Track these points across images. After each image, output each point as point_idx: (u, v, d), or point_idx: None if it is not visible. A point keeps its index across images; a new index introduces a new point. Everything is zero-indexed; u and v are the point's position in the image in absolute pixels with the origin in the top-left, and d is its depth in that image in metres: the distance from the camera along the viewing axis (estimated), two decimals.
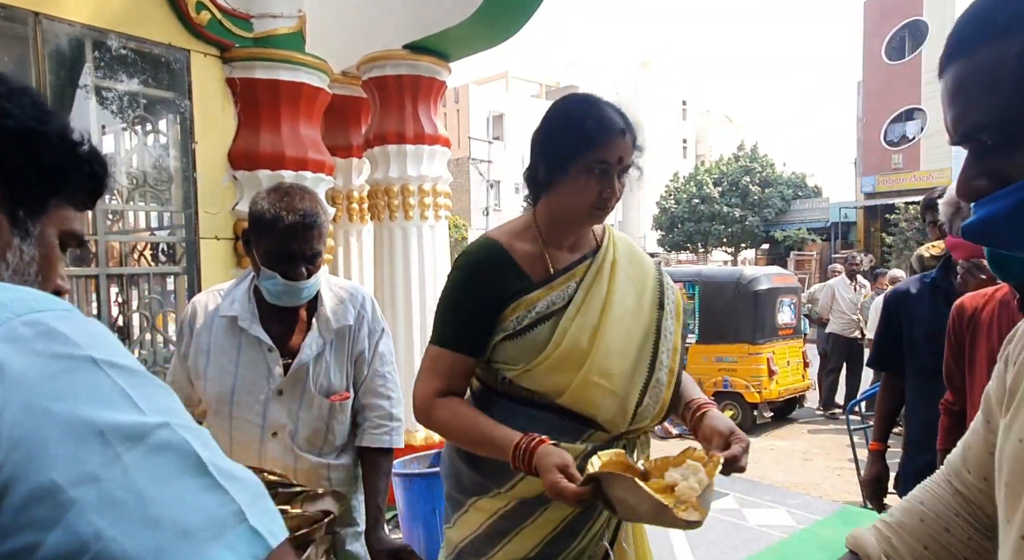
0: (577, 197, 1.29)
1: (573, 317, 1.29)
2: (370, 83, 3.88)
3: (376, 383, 1.64)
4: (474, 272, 1.31)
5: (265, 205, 1.45)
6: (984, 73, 0.59)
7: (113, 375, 0.49)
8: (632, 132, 1.29)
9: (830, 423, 7.13)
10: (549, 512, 1.28)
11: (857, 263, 7.73)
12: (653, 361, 1.35)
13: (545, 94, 40.22)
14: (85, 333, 0.50)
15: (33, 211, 0.65)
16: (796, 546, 3.45)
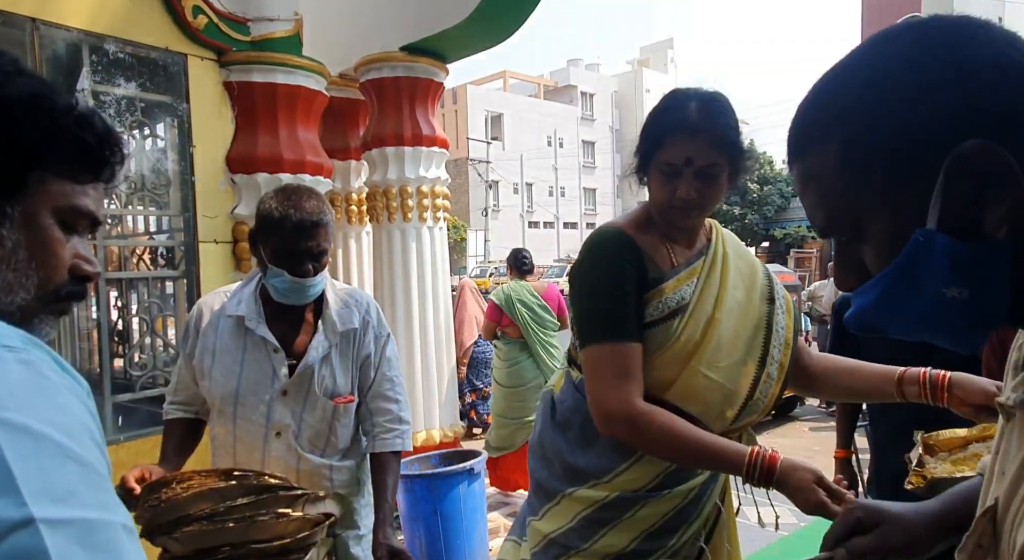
0: (656, 195, 1.31)
1: (691, 312, 1.29)
2: (368, 85, 3.88)
3: (384, 387, 1.66)
4: (614, 259, 1.29)
5: (273, 204, 1.49)
6: (814, 178, 0.61)
7: (5, 442, 0.41)
8: (710, 131, 1.23)
9: (831, 420, 7.13)
10: (649, 506, 1.28)
11: None
12: (764, 355, 1.33)
13: (543, 94, 40.22)
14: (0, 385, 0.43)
15: (7, 191, 0.57)
16: (799, 543, 3.45)
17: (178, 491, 1.21)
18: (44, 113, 0.58)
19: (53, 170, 0.60)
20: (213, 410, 1.59)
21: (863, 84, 0.56)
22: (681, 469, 1.29)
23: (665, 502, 1.27)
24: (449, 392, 3.99)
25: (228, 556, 1.21)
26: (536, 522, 1.38)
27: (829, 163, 0.59)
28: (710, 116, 1.24)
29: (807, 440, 6.31)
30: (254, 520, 1.23)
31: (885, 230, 0.57)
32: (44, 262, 0.60)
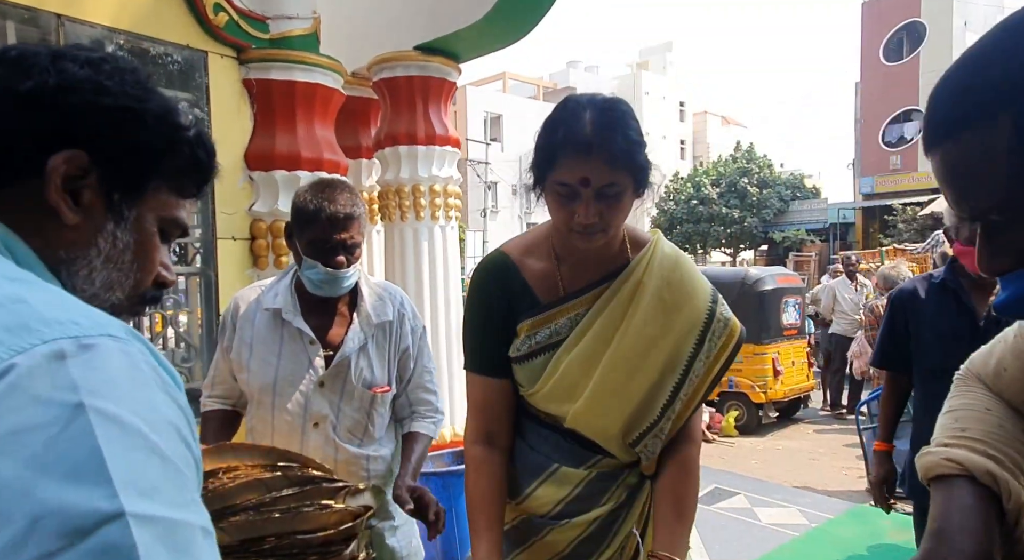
0: (554, 217, 1.16)
1: (572, 348, 1.19)
2: (381, 84, 3.90)
3: (424, 379, 1.71)
4: (481, 288, 1.25)
5: (308, 197, 1.53)
6: (977, 156, 0.58)
7: (98, 430, 0.41)
8: (606, 147, 1.07)
9: (835, 423, 7.15)
10: (555, 533, 1.25)
11: (853, 264, 7.76)
12: (667, 406, 1.20)
13: (543, 95, 40.25)
14: (100, 368, 0.44)
15: (129, 195, 0.61)
16: (810, 545, 3.47)
17: (224, 481, 1.22)
18: (172, 128, 0.63)
19: (167, 181, 0.65)
20: (251, 402, 1.61)
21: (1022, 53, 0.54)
22: (582, 498, 1.24)
23: (568, 530, 1.23)
24: (461, 391, 4.00)
25: (273, 547, 1.22)
26: None
27: (1000, 137, 0.56)
28: (606, 131, 1.08)
29: (811, 442, 6.33)
30: (299, 511, 1.24)
31: None
32: (143, 266, 0.64)
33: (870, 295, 7.14)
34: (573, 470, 1.23)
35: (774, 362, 6.60)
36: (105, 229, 0.61)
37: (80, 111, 0.58)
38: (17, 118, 0.56)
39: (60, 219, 0.57)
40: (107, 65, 0.60)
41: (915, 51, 21.97)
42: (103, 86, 0.59)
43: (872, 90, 22.90)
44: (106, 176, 0.60)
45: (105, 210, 0.60)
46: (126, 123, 0.60)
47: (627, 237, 1.27)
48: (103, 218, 0.60)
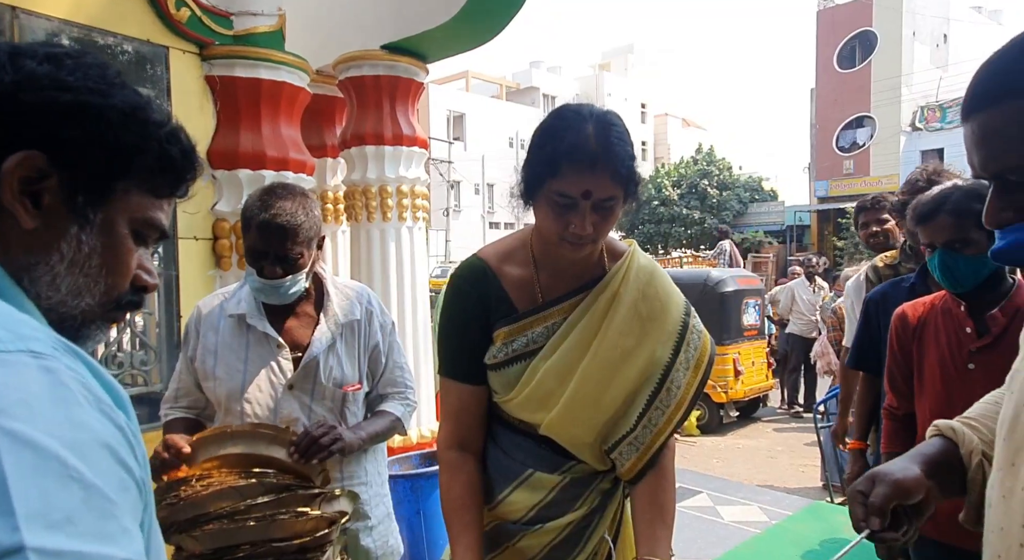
0: (545, 225, 1.16)
1: (548, 357, 1.19)
2: (347, 83, 3.85)
3: (396, 374, 1.71)
4: (458, 295, 1.25)
5: (250, 201, 1.51)
6: (1012, 124, 0.70)
7: (5, 454, 0.38)
8: (609, 163, 1.09)
9: (792, 421, 7.35)
10: (528, 538, 1.25)
11: (814, 265, 7.99)
12: (643, 414, 1.21)
13: (505, 95, 40.29)
14: (12, 389, 0.41)
15: (94, 197, 0.58)
16: (770, 541, 3.55)
17: (197, 489, 1.19)
18: (139, 125, 0.60)
19: (137, 181, 0.61)
20: (220, 409, 1.58)
21: None
22: (555, 504, 1.24)
23: (542, 535, 1.24)
24: (427, 393, 3.98)
25: (247, 555, 1.20)
26: None
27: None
28: (611, 145, 1.10)
29: (770, 441, 6.49)
30: (274, 519, 1.23)
31: None
32: (114, 270, 0.61)
33: (827, 296, 7.36)
34: (547, 475, 1.24)
35: (735, 362, 6.74)
36: (68, 233, 0.57)
37: (39, 109, 0.54)
38: None
39: (16, 222, 0.54)
40: (69, 60, 0.57)
41: (867, 59, 22.69)
42: (63, 82, 0.55)
43: (826, 96, 23.57)
44: (69, 177, 0.56)
45: (68, 213, 0.57)
46: (88, 121, 0.56)
47: (604, 247, 1.28)
48: (66, 221, 0.57)
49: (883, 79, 21.91)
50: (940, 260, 1.66)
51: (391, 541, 1.70)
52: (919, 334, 1.79)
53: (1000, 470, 0.80)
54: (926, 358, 1.76)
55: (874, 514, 0.86)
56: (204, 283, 2.89)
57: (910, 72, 21.80)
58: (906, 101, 21.83)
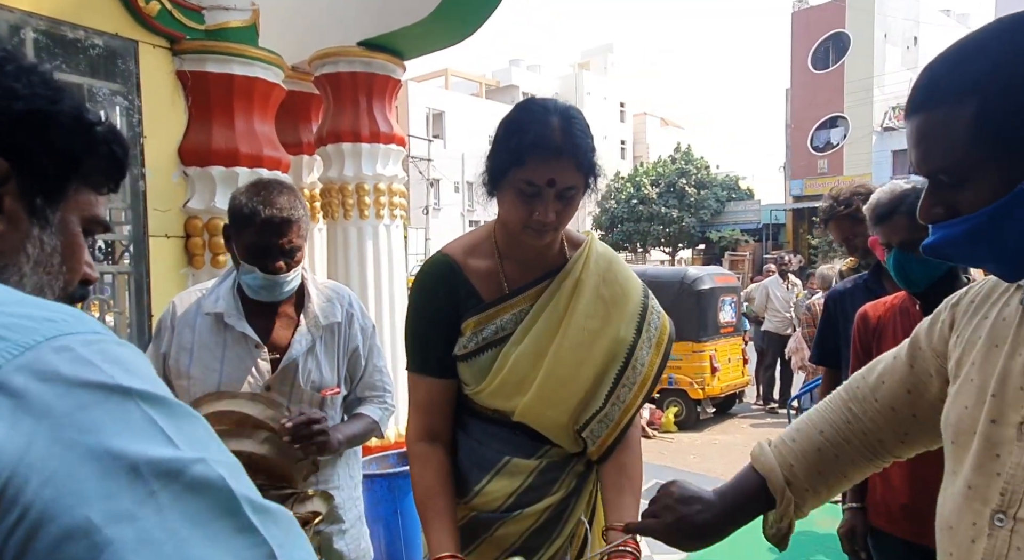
0: (510, 214, 1.21)
1: (519, 342, 1.23)
2: (323, 79, 3.82)
3: (375, 378, 1.69)
4: (425, 291, 1.27)
5: (243, 199, 1.47)
6: (942, 127, 0.73)
7: (144, 406, 0.46)
8: (573, 152, 1.15)
9: (768, 417, 7.44)
10: (506, 526, 1.26)
11: (787, 263, 8.11)
12: (611, 392, 1.26)
13: (485, 93, 40.23)
14: (115, 360, 0.47)
15: (51, 198, 0.61)
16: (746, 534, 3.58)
17: None
18: (86, 127, 0.63)
19: (85, 180, 0.65)
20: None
21: (999, 55, 0.69)
22: (533, 489, 1.26)
23: (520, 521, 1.26)
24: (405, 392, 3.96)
25: None
26: None
27: (962, 118, 0.71)
28: (574, 137, 1.16)
29: (746, 436, 6.55)
30: None
31: (993, 180, 0.71)
32: (71, 267, 0.65)
33: (800, 293, 7.46)
34: (524, 461, 1.26)
35: (711, 359, 6.80)
36: (31, 235, 0.60)
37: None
38: None
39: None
40: (10, 65, 0.58)
41: (840, 60, 23.06)
42: (12, 90, 0.57)
43: (801, 96, 23.90)
44: (26, 181, 0.59)
45: (28, 215, 0.60)
46: (41, 127, 0.59)
47: (564, 237, 1.34)
48: (28, 224, 0.60)
49: (856, 80, 22.27)
50: (896, 260, 1.70)
51: (363, 544, 1.70)
52: (879, 333, 1.83)
53: (952, 472, 0.84)
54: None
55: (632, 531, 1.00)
56: (176, 281, 2.84)
57: (882, 73, 22.19)
58: (878, 102, 22.21)
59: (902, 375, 0.97)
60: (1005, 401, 0.77)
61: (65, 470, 0.41)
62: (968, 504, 0.78)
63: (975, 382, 0.83)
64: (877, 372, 1.02)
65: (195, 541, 0.42)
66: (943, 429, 0.88)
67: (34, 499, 0.40)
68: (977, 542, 0.76)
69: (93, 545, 0.40)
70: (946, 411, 0.88)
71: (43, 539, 0.39)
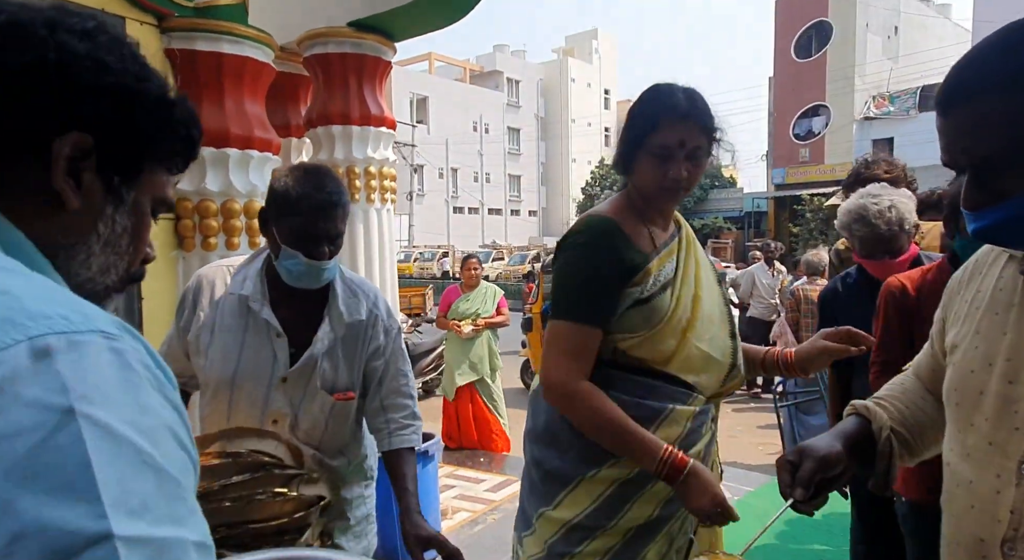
0: (647, 178, 1.39)
1: (680, 287, 1.41)
2: (312, 60, 3.76)
3: (400, 382, 1.60)
4: (602, 245, 1.38)
5: (290, 182, 1.42)
6: (985, 119, 0.76)
7: (89, 440, 0.39)
8: (698, 117, 1.37)
9: (752, 402, 7.54)
10: None
11: (773, 250, 8.20)
12: (732, 328, 1.50)
13: (469, 78, 39.94)
14: (88, 372, 0.42)
15: (128, 177, 0.60)
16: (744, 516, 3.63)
17: None
18: (168, 107, 0.61)
19: (160, 161, 0.63)
20: (207, 390, 1.50)
21: None
22: (690, 433, 1.38)
23: None
24: None
25: (223, 536, 1.18)
26: (551, 512, 1.40)
27: (1010, 108, 0.75)
28: (696, 104, 1.38)
29: (730, 420, 6.64)
30: (251, 500, 1.20)
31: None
32: (137, 248, 0.63)
33: (786, 280, 7.55)
34: (684, 407, 1.38)
35: None
36: (105, 213, 0.59)
37: (82, 91, 0.54)
38: (14, 95, 0.52)
39: (60, 204, 0.55)
40: (103, 36, 0.57)
41: (823, 49, 23.16)
42: (104, 64, 0.55)
43: (784, 85, 24.01)
44: (106, 159, 0.57)
45: (105, 194, 0.58)
46: (127, 104, 0.57)
47: None
48: (103, 202, 0.58)
49: (838, 68, 22.41)
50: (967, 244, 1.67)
51: (364, 543, 1.63)
52: (918, 304, 1.81)
53: (960, 432, 0.90)
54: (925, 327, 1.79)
55: (801, 485, 0.97)
56: (166, 264, 2.80)
57: (863, 62, 22.35)
58: (859, 91, 22.39)
59: (929, 358, 1.09)
60: (1022, 363, 0.83)
61: None
62: (990, 459, 0.84)
63: (980, 349, 0.89)
64: (917, 358, 1.14)
65: None
66: (946, 395, 0.95)
67: None
68: (1003, 493, 0.82)
69: None
70: (948, 378, 0.95)
71: None
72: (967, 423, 0.88)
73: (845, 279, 2.26)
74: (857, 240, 2.09)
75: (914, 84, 21.68)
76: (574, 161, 41.30)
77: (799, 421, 4.62)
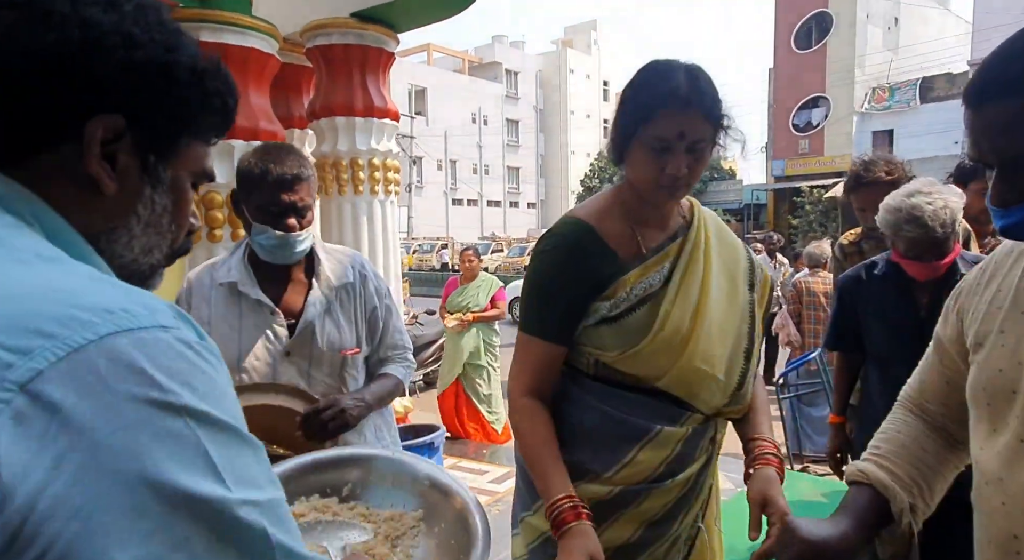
0: (641, 172, 1.21)
1: (673, 299, 1.23)
2: (315, 51, 3.74)
3: (396, 338, 1.72)
4: (567, 255, 1.24)
5: (253, 160, 1.50)
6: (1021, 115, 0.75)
7: (197, 429, 0.42)
8: (701, 103, 1.16)
9: None
10: (651, 498, 1.25)
11: (775, 242, 8.22)
12: (750, 347, 1.30)
13: (468, 69, 39.77)
14: (172, 366, 0.43)
15: (164, 155, 0.57)
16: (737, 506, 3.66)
17: None
18: (201, 78, 0.57)
19: (195, 134, 0.60)
20: None
21: None
22: (682, 456, 1.25)
23: (667, 492, 1.25)
24: None
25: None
26: (531, 518, 1.33)
27: None
28: (700, 88, 1.17)
29: None
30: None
31: None
32: (180, 223, 0.62)
33: (787, 272, 7.55)
34: (674, 429, 1.24)
35: None
36: (143, 194, 0.57)
37: (110, 69, 0.51)
38: (40, 78, 0.49)
39: (98, 187, 0.53)
40: (128, 4, 0.53)
41: (823, 40, 23.08)
42: (132, 37, 0.52)
43: (783, 76, 23.94)
44: (140, 137, 0.55)
45: (141, 174, 0.56)
46: (159, 79, 0.54)
47: None
48: (140, 182, 0.56)
49: (838, 60, 22.34)
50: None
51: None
52: None
53: (991, 430, 0.88)
54: None
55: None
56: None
57: (863, 54, 22.28)
58: (859, 82, 22.33)
59: (936, 371, 1.07)
60: None
61: (95, 503, 0.37)
62: (1021, 456, 0.83)
63: (1007, 346, 0.87)
64: (916, 377, 1.12)
65: None
66: (972, 394, 0.93)
67: (58, 536, 0.36)
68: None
69: None
70: (974, 377, 0.92)
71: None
72: (1000, 422, 0.87)
73: (871, 269, 2.16)
74: (905, 241, 1.95)
75: (914, 75, 21.63)
76: (573, 153, 41.23)
77: (801, 413, 4.65)
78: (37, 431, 0.37)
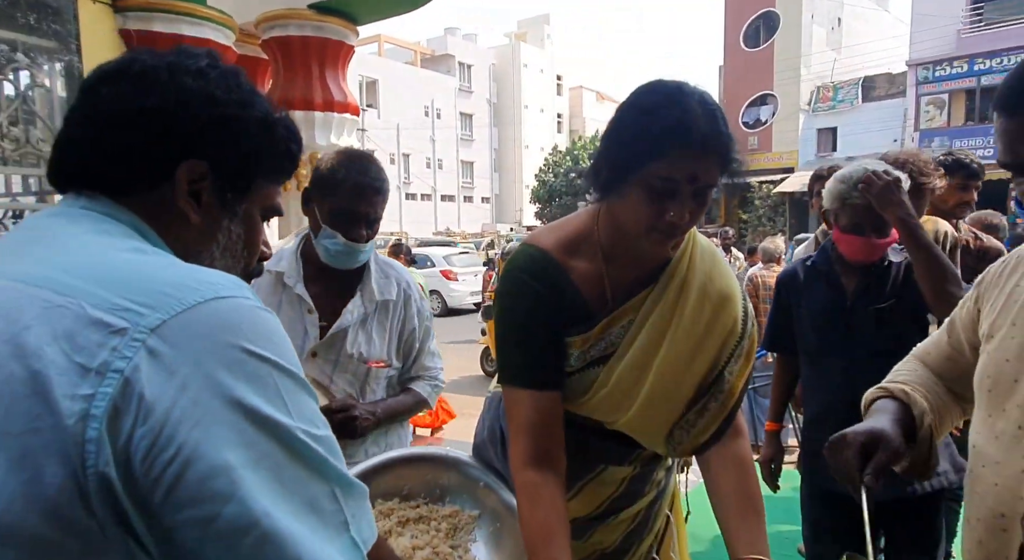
0: (632, 213, 1.03)
1: (623, 357, 1.11)
2: (272, 43, 3.65)
3: (428, 361, 1.72)
4: (529, 292, 1.10)
5: (335, 164, 1.49)
6: None
7: (276, 374, 0.55)
8: (719, 146, 0.99)
9: None
10: (600, 532, 1.24)
11: (729, 237, 8.43)
12: (706, 402, 1.13)
13: (420, 62, 39.33)
14: (256, 327, 0.56)
15: (239, 193, 0.70)
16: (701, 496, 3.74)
17: None
18: (270, 128, 0.70)
19: (265, 175, 0.72)
20: None
21: None
22: (627, 494, 1.21)
23: (614, 527, 1.22)
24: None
25: None
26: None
27: None
28: (718, 129, 0.99)
29: None
30: None
31: None
32: (252, 251, 0.74)
33: (742, 267, 7.73)
34: (619, 468, 1.19)
35: None
36: (222, 225, 0.69)
37: (196, 123, 0.65)
38: (144, 132, 0.63)
39: (186, 218, 0.66)
40: (214, 72, 0.66)
41: (770, 39, 23.67)
42: (214, 97, 0.65)
43: (733, 74, 24.47)
44: (219, 178, 0.67)
45: (221, 208, 0.69)
46: (234, 131, 0.67)
47: None
48: (220, 215, 0.69)
49: (785, 59, 22.95)
50: None
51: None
52: None
53: (991, 416, 0.95)
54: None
55: (876, 474, 0.96)
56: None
57: (808, 53, 22.95)
58: (805, 81, 22.99)
59: (943, 347, 1.15)
60: None
61: (211, 417, 0.50)
62: (1018, 441, 0.90)
63: (1016, 339, 0.93)
64: (924, 346, 1.21)
65: (301, 495, 0.53)
66: (978, 381, 0.99)
67: (187, 439, 0.49)
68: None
69: (231, 482, 0.49)
70: (982, 366, 0.99)
71: (193, 474, 0.48)
72: (999, 408, 0.93)
73: (805, 262, 2.13)
74: (850, 210, 1.88)
75: (856, 74, 22.39)
76: (527, 147, 41.27)
77: (758, 404, 4.76)
78: (166, 364, 0.50)
